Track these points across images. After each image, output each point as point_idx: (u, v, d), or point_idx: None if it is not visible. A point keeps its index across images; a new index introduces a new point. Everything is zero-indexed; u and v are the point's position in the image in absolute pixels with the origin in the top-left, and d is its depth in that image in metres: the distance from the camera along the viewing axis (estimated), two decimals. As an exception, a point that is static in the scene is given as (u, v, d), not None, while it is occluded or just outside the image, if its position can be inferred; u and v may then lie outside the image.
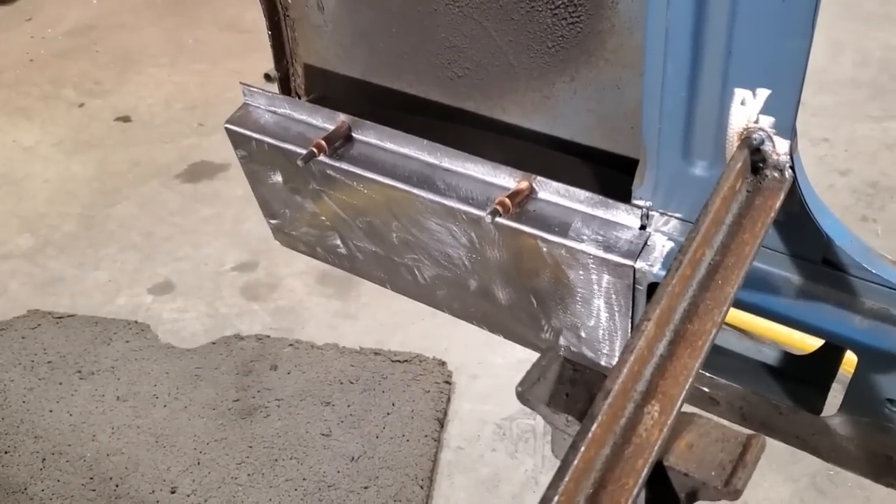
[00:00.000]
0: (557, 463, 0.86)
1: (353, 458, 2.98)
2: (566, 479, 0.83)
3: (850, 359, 1.32)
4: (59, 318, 3.64)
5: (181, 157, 4.59)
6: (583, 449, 0.85)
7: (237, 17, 5.77)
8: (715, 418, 1.06)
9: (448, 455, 3.03)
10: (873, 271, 1.19)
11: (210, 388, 3.28)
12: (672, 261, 1.00)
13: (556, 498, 0.81)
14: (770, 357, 1.48)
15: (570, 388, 0.99)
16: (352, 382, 3.26)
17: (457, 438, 3.08)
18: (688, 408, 1.23)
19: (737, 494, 0.87)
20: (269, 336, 3.50)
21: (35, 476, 3.01)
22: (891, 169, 4.18)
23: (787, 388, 1.44)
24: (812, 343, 1.47)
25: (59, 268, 3.94)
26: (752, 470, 0.88)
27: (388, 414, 3.13)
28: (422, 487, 2.89)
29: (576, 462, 0.84)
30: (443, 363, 3.32)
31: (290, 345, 3.45)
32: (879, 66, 4.81)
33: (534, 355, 1.79)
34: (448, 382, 3.25)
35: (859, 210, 3.94)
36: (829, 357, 1.43)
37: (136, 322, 3.61)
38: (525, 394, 0.98)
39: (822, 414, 1.39)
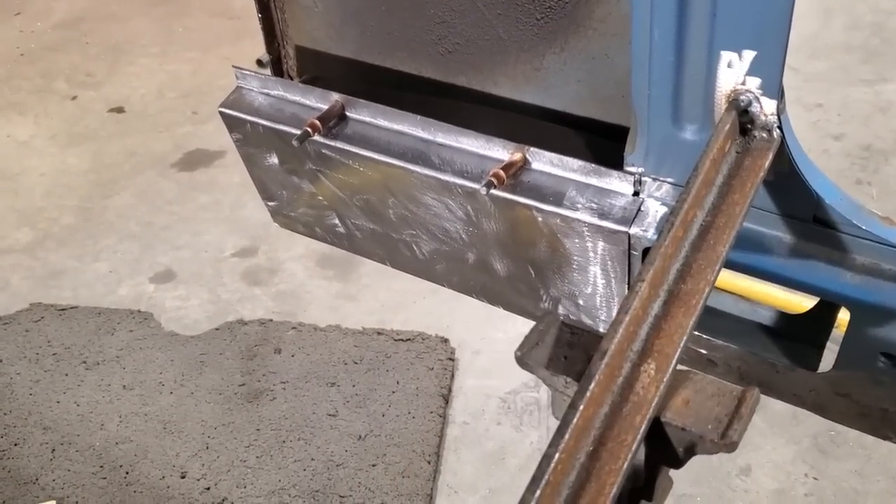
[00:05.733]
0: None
1: (360, 437, 3.02)
2: (566, 436, 0.85)
3: (843, 320, 1.34)
4: (62, 310, 3.66)
5: (176, 146, 4.60)
6: (581, 407, 0.87)
7: (226, 3, 5.76)
8: (711, 376, 1.08)
9: (454, 430, 3.06)
10: (863, 227, 1.20)
11: (215, 374, 3.31)
12: (664, 223, 1.02)
13: (557, 455, 0.84)
14: (766, 317, 1.50)
15: (567, 350, 1.01)
16: (356, 362, 3.29)
17: (462, 414, 3.11)
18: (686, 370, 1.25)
19: (733, 446, 0.89)
20: (271, 320, 3.52)
21: (45, 467, 3.04)
22: (884, 132, 4.19)
23: (784, 347, 1.46)
24: (803, 305, 1.49)
25: (60, 260, 3.96)
26: (747, 422, 0.91)
27: (393, 392, 3.16)
28: (429, 463, 2.92)
29: (575, 420, 0.86)
30: (445, 340, 3.35)
31: (293, 328, 3.47)
32: (871, 30, 4.81)
33: (534, 327, 1.81)
34: (451, 359, 3.28)
35: (854, 174, 3.96)
36: (823, 315, 1.45)
37: (139, 311, 3.64)
38: (524, 357, 1.00)
39: (819, 371, 1.41)
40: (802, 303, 1.75)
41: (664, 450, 0.94)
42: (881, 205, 3.76)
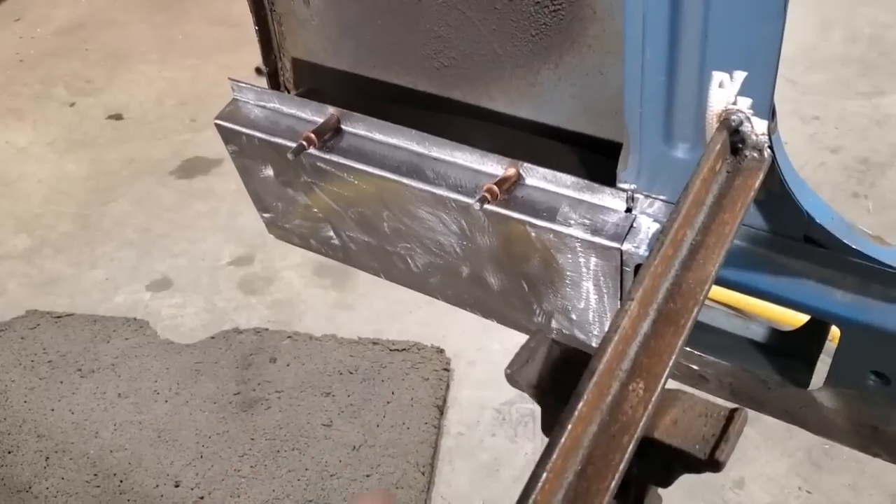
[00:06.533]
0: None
1: (354, 447, 3.01)
2: (554, 455, 0.85)
3: (836, 334, 1.35)
4: (58, 317, 3.67)
5: (174, 154, 4.61)
6: (570, 426, 0.87)
7: (225, 11, 5.77)
8: (702, 394, 1.09)
9: (448, 441, 3.06)
10: (854, 246, 1.21)
11: (210, 383, 3.31)
12: (654, 242, 1.02)
13: (545, 474, 0.84)
14: (757, 333, 1.51)
15: (557, 368, 1.01)
16: (351, 372, 3.29)
17: (457, 425, 3.11)
18: (678, 385, 1.25)
19: (719, 466, 0.90)
20: (267, 329, 3.53)
21: (39, 475, 3.04)
22: (881, 145, 4.20)
23: (775, 364, 1.46)
24: (799, 318, 1.50)
25: (57, 267, 3.96)
26: (734, 442, 0.91)
27: (388, 402, 3.16)
28: (423, 474, 2.92)
29: (563, 439, 0.86)
30: (441, 351, 3.35)
31: (289, 337, 3.47)
32: (869, 43, 4.82)
33: (528, 340, 1.81)
34: (447, 369, 3.28)
35: (850, 187, 3.97)
36: (815, 332, 1.45)
37: (134, 319, 3.64)
38: (514, 375, 1.01)
39: (809, 387, 1.41)
40: (795, 318, 1.75)
41: (652, 469, 0.95)
42: (877, 218, 3.77)
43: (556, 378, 1.00)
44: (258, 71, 1.91)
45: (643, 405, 0.93)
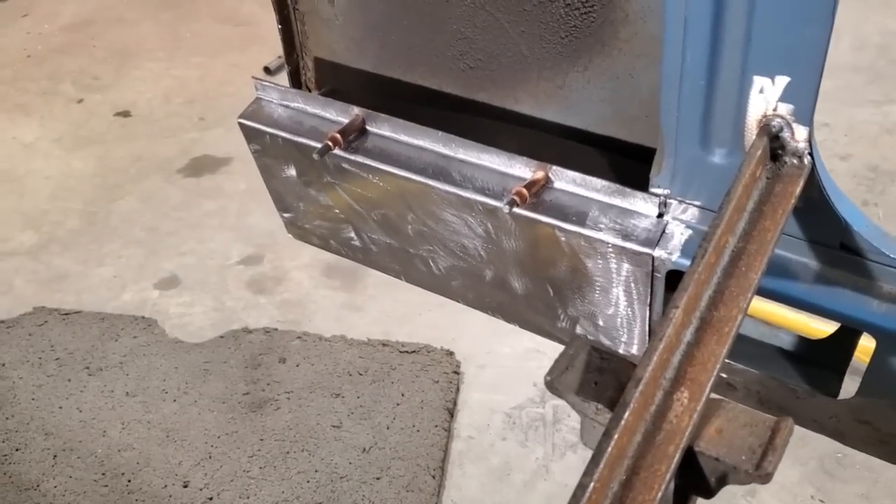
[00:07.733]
0: (568, 450, 0.87)
1: (364, 450, 3.00)
2: (601, 465, 0.84)
3: (864, 346, 1.33)
4: (66, 314, 3.65)
5: (182, 152, 4.59)
6: (616, 436, 0.86)
7: (234, 9, 5.76)
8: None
9: (459, 444, 3.04)
10: (890, 255, 1.20)
11: (219, 382, 3.29)
12: (697, 248, 1.01)
13: (591, 484, 0.83)
14: (786, 342, 1.50)
15: (598, 376, 1.00)
16: (361, 374, 3.27)
17: (467, 428, 3.10)
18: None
19: (767, 478, 0.88)
20: (276, 329, 3.51)
21: (47, 473, 3.02)
22: (891, 153, 4.19)
23: (804, 373, 1.45)
24: (822, 330, 1.49)
25: (64, 264, 3.94)
26: (781, 453, 0.90)
27: (398, 405, 3.14)
28: (433, 477, 2.91)
29: (610, 449, 0.85)
30: (451, 353, 3.34)
31: (298, 337, 3.46)
32: (878, 51, 4.81)
33: (543, 344, 1.79)
34: (457, 372, 3.27)
35: (860, 195, 3.96)
36: (844, 341, 1.44)
37: (143, 317, 3.62)
38: (554, 383, 0.99)
39: (839, 397, 1.40)
40: (823, 328, 1.74)
41: (696, 479, 0.93)
42: (887, 226, 3.75)
43: (598, 385, 0.99)
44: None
45: (688, 414, 0.91)
